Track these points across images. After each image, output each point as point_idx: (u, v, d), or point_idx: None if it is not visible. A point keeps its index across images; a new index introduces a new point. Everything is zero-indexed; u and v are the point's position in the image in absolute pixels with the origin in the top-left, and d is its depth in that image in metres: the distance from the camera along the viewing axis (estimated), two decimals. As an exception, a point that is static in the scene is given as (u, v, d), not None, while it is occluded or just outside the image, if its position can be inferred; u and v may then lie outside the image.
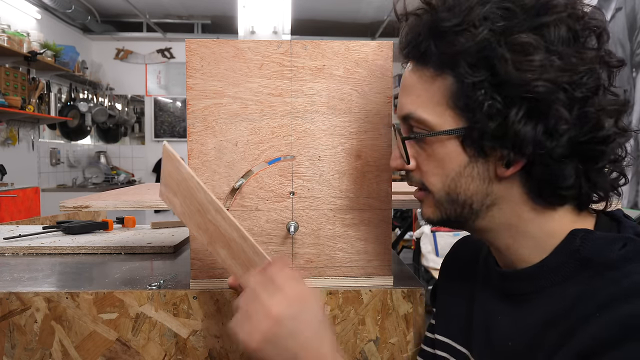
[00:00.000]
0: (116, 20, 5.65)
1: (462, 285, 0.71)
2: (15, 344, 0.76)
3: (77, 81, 5.11)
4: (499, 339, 0.60)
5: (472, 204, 0.58)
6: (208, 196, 0.58)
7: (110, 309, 0.76)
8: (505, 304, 0.61)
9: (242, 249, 0.60)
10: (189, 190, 0.59)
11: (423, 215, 0.64)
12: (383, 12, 5.02)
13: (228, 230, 0.59)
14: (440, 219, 0.61)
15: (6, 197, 3.45)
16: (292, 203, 0.77)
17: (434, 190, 0.59)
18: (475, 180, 0.57)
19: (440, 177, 0.58)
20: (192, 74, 0.74)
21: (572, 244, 0.55)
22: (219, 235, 0.61)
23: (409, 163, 0.61)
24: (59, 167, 5.00)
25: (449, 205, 0.59)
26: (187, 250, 1.10)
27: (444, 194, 0.58)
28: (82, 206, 0.83)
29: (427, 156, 0.59)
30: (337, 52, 0.75)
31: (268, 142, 0.76)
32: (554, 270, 0.56)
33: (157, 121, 5.88)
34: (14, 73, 3.80)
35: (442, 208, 0.60)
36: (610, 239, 0.53)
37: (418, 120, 0.58)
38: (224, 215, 0.58)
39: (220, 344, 0.77)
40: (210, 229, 0.61)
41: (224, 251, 0.62)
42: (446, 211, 0.60)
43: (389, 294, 0.78)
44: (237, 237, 0.59)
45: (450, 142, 0.56)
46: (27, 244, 1.08)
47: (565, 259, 0.55)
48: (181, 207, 0.62)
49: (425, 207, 0.62)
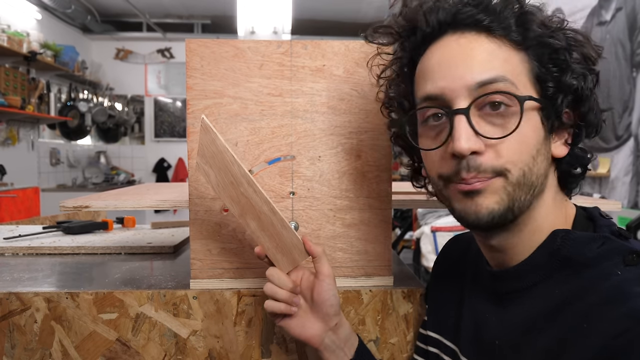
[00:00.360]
0: (116, 20, 5.65)
1: (453, 283, 0.71)
2: (15, 344, 0.75)
3: (77, 81, 5.11)
4: (487, 337, 0.61)
5: (536, 187, 0.55)
6: (242, 169, 0.63)
7: (110, 309, 0.76)
8: (493, 303, 0.61)
9: (271, 222, 0.64)
10: (224, 162, 0.63)
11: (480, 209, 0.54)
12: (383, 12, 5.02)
13: (259, 203, 0.64)
14: (506, 208, 0.54)
15: (6, 197, 3.45)
16: (292, 203, 0.77)
17: (512, 170, 0.53)
18: (544, 160, 0.56)
19: (521, 155, 0.53)
20: (192, 74, 0.74)
21: (553, 243, 0.56)
22: (250, 208, 0.65)
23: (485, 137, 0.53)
24: (58, 167, 5.00)
25: (520, 189, 0.54)
26: (187, 250, 1.10)
27: (521, 174, 0.53)
28: (82, 206, 0.83)
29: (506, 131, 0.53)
30: (337, 52, 0.75)
31: (268, 142, 0.76)
32: (536, 269, 0.56)
33: (157, 121, 5.88)
34: (14, 73, 3.80)
35: (512, 194, 0.54)
36: (588, 239, 0.54)
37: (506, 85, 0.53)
38: (256, 189, 0.63)
39: (220, 344, 0.77)
40: (242, 202, 0.65)
41: (254, 223, 0.66)
42: (515, 197, 0.54)
43: (389, 294, 0.78)
44: (267, 210, 0.64)
45: (534, 113, 0.55)
46: (27, 244, 1.08)
47: (547, 258, 0.56)
48: (216, 178, 0.66)
49: (489, 197, 0.54)
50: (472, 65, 0.54)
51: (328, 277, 0.66)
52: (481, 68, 0.53)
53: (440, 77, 0.55)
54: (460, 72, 0.54)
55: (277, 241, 0.66)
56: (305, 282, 0.68)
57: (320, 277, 0.66)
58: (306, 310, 0.68)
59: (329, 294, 0.66)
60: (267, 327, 0.77)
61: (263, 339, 0.77)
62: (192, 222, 0.77)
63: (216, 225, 0.77)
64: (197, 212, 0.76)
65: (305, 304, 0.68)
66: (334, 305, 0.66)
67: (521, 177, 0.54)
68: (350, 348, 0.69)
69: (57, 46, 4.41)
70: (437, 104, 0.56)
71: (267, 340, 0.77)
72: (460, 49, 0.55)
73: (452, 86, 0.54)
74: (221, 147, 0.62)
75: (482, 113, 0.54)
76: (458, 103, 0.54)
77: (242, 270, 0.78)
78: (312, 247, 0.66)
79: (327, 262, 0.67)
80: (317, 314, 0.67)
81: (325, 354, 0.68)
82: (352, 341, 0.70)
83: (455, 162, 0.54)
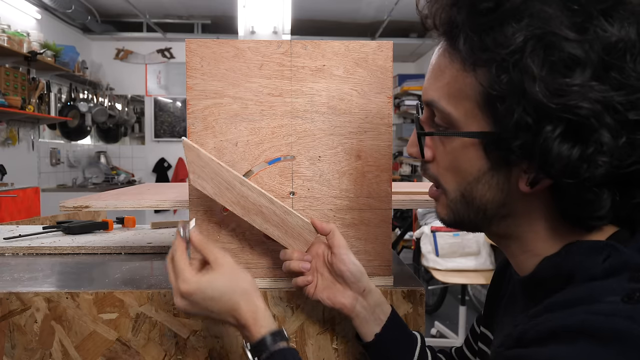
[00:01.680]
0: (116, 20, 5.65)
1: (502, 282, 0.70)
2: (15, 344, 0.76)
3: (77, 81, 5.10)
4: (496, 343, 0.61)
5: (486, 211, 0.53)
6: (231, 173, 0.68)
7: (110, 309, 0.76)
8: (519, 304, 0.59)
9: (273, 212, 0.70)
10: (214, 171, 0.69)
11: (437, 215, 0.60)
12: (383, 12, 5.02)
13: (256, 199, 0.69)
14: (453, 221, 0.57)
15: (6, 197, 3.45)
16: (292, 203, 0.77)
17: (448, 189, 0.55)
18: (493, 189, 0.52)
19: (456, 179, 0.54)
20: (192, 74, 0.74)
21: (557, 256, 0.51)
22: (250, 205, 0.70)
23: (423, 156, 0.56)
24: (59, 167, 5.00)
25: (462, 208, 0.54)
26: (187, 250, 1.10)
27: (458, 195, 0.54)
28: (82, 206, 0.83)
29: (446, 153, 0.54)
30: (337, 52, 0.75)
31: (268, 142, 0.76)
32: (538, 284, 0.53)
33: (157, 121, 5.87)
34: (14, 73, 3.80)
35: (455, 210, 0.55)
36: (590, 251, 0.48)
37: (442, 112, 0.52)
38: (249, 186, 0.68)
39: (220, 344, 0.77)
40: (241, 202, 0.70)
41: (258, 218, 0.70)
42: (459, 213, 0.55)
43: (389, 294, 0.78)
44: (265, 202, 0.69)
45: (473, 145, 0.50)
46: (27, 244, 1.08)
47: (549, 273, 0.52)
48: (212, 188, 0.70)
49: (439, 207, 0.58)
50: (428, 79, 0.55)
51: (342, 248, 0.69)
52: (429, 85, 0.54)
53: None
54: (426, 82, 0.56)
55: (284, 228, 0.70)
56: (325, 256, 0.72)
57: (334, 250, 0.70)
58: (334, 282, 0.71)
59: (346, 263, 0.69)
60: (267, 327, 0.77)
61: (263, 339, 0.77)
62: (192, 222, 0.77)
63: (216, 225, 0.77)
64: (197, 212, 0.76)
65: (330, 277, 0.71)
66: (354, 272, 0.69)
67: (460, 198, 0.54)
68: (381, 314, 0.71)
69: (57, 46, 4.40)
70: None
71: (267, 340, 0.77)
72: (433, 58, 0.55)
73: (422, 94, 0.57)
74: (206, 159, 0.68)
75: None
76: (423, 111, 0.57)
77: (242, 270, 0.78)
78: (323, 226, 0.70)
79: (339, 235, 0.70)
80: (343, 284, 0.70)
81: (356, 321, 0.70)
82: (384, 308, 0.71)
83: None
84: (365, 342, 0.70)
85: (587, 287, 0.45)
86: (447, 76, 0.51)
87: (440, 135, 0.54)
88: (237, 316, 0.62)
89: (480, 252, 2.88)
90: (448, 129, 0.53)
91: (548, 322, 0.44)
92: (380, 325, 0.70)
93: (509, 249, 0.58)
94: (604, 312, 0.41)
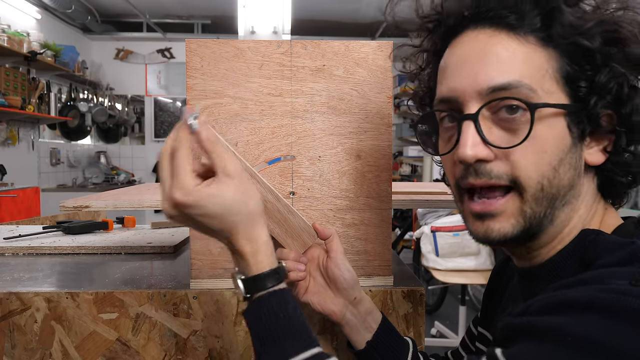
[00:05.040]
0: (116, 20, 5.65)
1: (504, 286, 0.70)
2: (15, 344, 0.76)
3: (77, 81, 5.10)
4: None
5: (557, 200, 0.51)
6: (244, 163, 0.65)
7: (110, 309, 0.76)
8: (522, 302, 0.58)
9: (277, 209, 0.68)
10: None
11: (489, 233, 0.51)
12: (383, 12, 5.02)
13: (263, 193, 0.67)
14: (522, 230, 0.51)
15: (6, 197, 3.45)
16: (292, 203, 0.77)
17: (528, 183, 0.49)
18: (572, 169, 0.50)
19: (539, 166, 0.49)
20: (192, 74, 0.74)
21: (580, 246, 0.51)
22: None
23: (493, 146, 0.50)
24: (59, 167, 5.00)
25: (538, 205, 0.50)
26: (187, 250, 1.10)
27: (539, 188, 0.50)
28: (82, 206, 0.83)
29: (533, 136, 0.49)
30: (337, 52, 0.75)
31: (268, 142, 0.76)
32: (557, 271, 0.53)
33: (157, 121, 5.87)
34: (14, 73, 3.80)
35: (529, 213, 0.50)
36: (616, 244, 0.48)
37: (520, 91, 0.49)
38: (259, 179, 0.66)
39: (220, 344, 0.77)
40: None
41: None
42: (533, 216, 0.50)
43: (389, 294, 0.78)
44: (272, 198, 0.68)
45: (558, 120, 0.49)
46: (27, 244, 1.08)
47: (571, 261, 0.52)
48: None
49: (502, 220, 0.51)
50: (486, 66, 0.50)
51: (339, 254, 0.68)
52: (496, 70, 0.49)
53: (453, 77, 0.52)
54: (474, 72, 0.50)
55: (285, 227, 0.69)
56: (321, 260, 0.70)
57: (331, 255, 0.69)
58: (325, 287, 0.70)
59: (341, 269, 0.68)
60: (267, 327, 0.77)
61: (263, 339, 0.77)
62: (192, 222, 0.77)
63: (216, 225, 0.77)
64: (197, 212, 0.76)
65: (323, 282, 0.70)
66: (347, 280, 0.68)
67: (539, 192, 0.50)
68: (372, 322, 0.69)
69: (57, 46, 4.40)
70: (448, 107, 0.54)
71: (267, 340, 0.77)
72: (477, 46, 0.51)
73: (463, 88, 0.51)
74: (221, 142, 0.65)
75: (497, 117, 0.50)
76: (468, 107, 0.51)
77: (242, 270, 0.78)
78: (323, 230, 0.69)
79: (338, 241, 0.70)
80: (335, 290, 0.69)
81: (346, 328, 0.69)
82: (375, 316, 0.70)
83: (462, 168, 0.52)
84: (356, 350, 0.69)
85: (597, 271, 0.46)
86: (520, 56, 0.49)
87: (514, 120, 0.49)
88: (233, 241, 0.54)
89: (480, 252, 2.88)
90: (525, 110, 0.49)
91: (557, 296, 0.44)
92: (371, 332, 0.68)
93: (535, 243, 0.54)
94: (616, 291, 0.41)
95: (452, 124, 0.54)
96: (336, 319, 0.68)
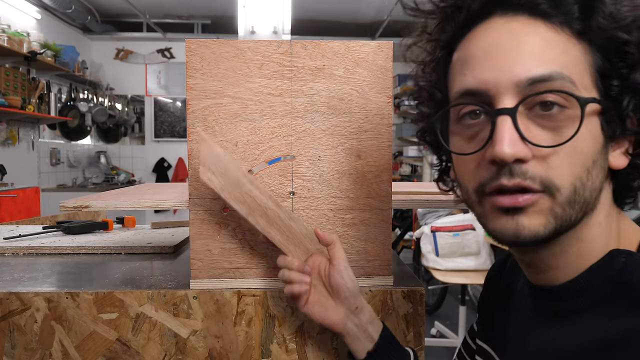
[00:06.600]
0: (116, 20, 5.65)
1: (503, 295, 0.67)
2: (15, 344, 0.76)
3: (77, 81, 5.10)
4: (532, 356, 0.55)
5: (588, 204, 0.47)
6: (241, 170, 0.68)
7: (110, 309, 0.76)
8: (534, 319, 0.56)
9: (278, 216, 0.69)
10: (225, 167, 0.68)
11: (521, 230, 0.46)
12: (383, 12, 5.02)
13: (263, 200, 0.68)
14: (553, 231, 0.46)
15: (6, 197, 3.45)
16: (292, 203, 0.77)
17: (562, 186, 0.45)
18: (602, 171, 0.47)
19: (574, 167, 0.45)
20: (192, 74, 0.74)
21: (611, 265, 0.48)
22: (256, 206, 0.69)
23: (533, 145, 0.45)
24: (59, 167, 5.00)
25: (570, 208, 0.46)
26: (187, 250, 1.10)
27: (572, 191, 0.45)
28: (82, 206, 0.83)
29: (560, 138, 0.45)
30: (337, 52, 0.75)
31: (268, 142, 0.76)
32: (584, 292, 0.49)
33: (157, 121, 5.88)
34: (14, 73, 3.80)
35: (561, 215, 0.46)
36: None
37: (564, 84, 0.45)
38: (258, 186, 0.68)
39: (220, 344, 0.77)
40: (247, 201, 0.69)
41: (262, 220, 0.69)
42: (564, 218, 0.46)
43: (389, 294, 0.78)
44: (272, 204, 0.68)
45: (594, 118, 0.46)
46: (27, 244, 1.08)
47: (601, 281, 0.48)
48: (220, 183, 0.69)
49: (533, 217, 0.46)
50: (523, 57, 0.45)
51: (342, 260, 0.67)
52: (535, 60, 0.45)
53: (483, 68, 0.47)
54: (509, 63, 0.45)
55: (287, 233, 0.70)
56: (322, 269, 0.69)
57: (334, 262, 0.67)
58: (327, 296, 0.68)
59: (344, 277, 0.66)
60: (267, 327, 0.77)
61: (263, 339, 0.77)
62: (192, 222, 0.77)
63: (216, 225, 0.77)
64: (197, 212, 0.76)
65: (324, 291, 0.69)
66: (350, 288, 0.66)
67: (572, 195, 0.45)
68: (373, 332, 0.68)
69: (57, 46, 4.40)
70: (476, 101, 0.48)
71: (267, 340, 0.77)
72: (510, 35, 0.46)
73: (497, 80, 0.45)
74: (219, 153, 0.67)
75: (531, 114, 0.46)
76: (503, 101, 0.45)
77: (242, 270, 0.78)
78: (325, 236, 0.68)
79: (341, 247, 0.68)
80: (337, 299, 0.67)
81: (347, 338, 0.68)
82: (376, 325, 0.69)
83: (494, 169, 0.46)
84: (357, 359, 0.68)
85: None
86: (558, 47, 0.45)
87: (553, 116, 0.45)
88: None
89: (480, 252, 2.88)
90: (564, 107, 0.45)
91: None
92: (372, 342, 0.67)
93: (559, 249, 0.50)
94: None
95: (475, 120, 0.49)
96: (337, 330, 0.67)
